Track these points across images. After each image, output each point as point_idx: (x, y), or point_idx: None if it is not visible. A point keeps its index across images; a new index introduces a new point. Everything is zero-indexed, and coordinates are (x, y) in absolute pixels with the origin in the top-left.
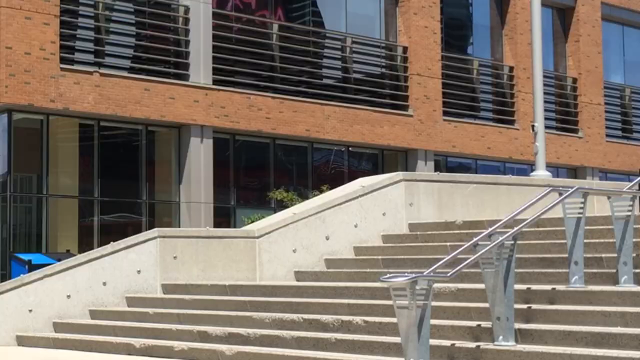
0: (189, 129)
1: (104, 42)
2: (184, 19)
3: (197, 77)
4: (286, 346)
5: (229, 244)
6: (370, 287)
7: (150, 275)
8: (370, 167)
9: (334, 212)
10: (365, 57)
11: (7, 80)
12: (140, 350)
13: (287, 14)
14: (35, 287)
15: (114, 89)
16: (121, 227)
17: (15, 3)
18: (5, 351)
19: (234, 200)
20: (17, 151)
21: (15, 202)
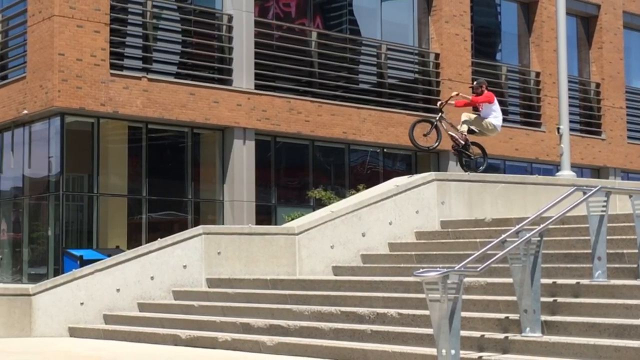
0: (232, 132)
1: (152, 49)
2: (227, 27)
3: (240, 82)
4: (324, 337)
5: (270, 240)
6: (404, 282)
7: (196, 270)
8: (404, 167)
9: (369, 210)
10: (399, 63)
11: (60, 85)
12: (186, 341)
13: (325, 22)
14: (86, 281)
15: (161, 94)
16: (168, 225)
17: (67, 12)
18: (58, 342)
19: (274, 199)
20: (69, 152)
21: (68, 200)
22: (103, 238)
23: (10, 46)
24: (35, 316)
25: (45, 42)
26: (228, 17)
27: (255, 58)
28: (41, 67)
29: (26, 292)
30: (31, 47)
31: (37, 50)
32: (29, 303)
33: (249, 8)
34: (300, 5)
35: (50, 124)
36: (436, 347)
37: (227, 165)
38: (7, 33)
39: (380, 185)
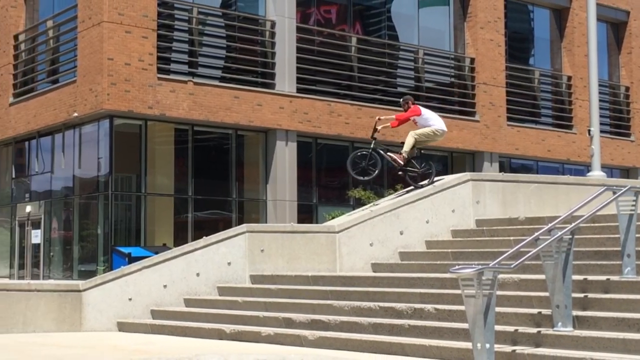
0: (275, 133)
1: (198, 54)
2: (270, 33)
3: (282, 86)
4: (364, 332)
5: (312, 238)
6: (440, 278)
7: (240, 267)
8: (440, 168)
9: (407, 209)
10: (435, 67)
11: (109, 88)
12: (230, 336)
13: (364, 28)
14: (134, 277)
15: (206, 97)
16: (213, 223)
17: (116, 18)
18: (107, 336)
19: (315, 198)
20: (117, 153)
21: (117, 200)
22: (150, 236)
23: (62, 51)
24: (85, 311)
25: (95, 47)
26: (271, 23)
27: (297, 62)
28: (91, 71)
29: (76, 288)
30: (81, 52)
31: (87, 55)
32: (79, 299)
33: (291, 14)
34: (340, 12)
35: (100, 126)
36: (471, 341)
37: (269, 165)
38: (59, 38)
39: None
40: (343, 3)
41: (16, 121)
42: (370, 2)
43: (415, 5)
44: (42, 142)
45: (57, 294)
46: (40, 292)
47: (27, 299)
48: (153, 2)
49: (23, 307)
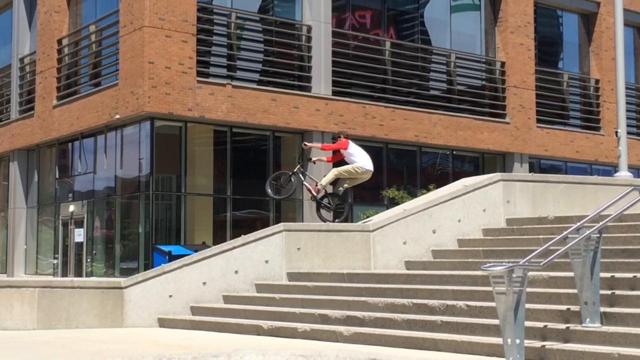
0: (311, 135)
1: (236, 58)
2: (306, 37)
3: (318, 89)
4: (397, 327)
5: (347, 236)
6: (472, 275)
7: (277, 265)
8: (472, 168)
9: (440, 208)
10: (467, 71)
11: (150, 91)
12: (267, 331)
13: (398, 32)
14: (174, 275)
15: (244, 99)
16: (251, 222)
17: (157, 23)
18: (148, 332)
19: (351, 198)
20: (158, 154)
21: (157, 199)
22: (190, 234)
23: (104, 55)
24: (126, 308)
25: (136, 51)
26: (307, 27)
27: (333, 66)
28: (132, 74)
29: (118, 285)
30: (123, 56)
31: (128, 58)
32: (121, 295)
33: (326, 19)
34: (375, 17)
35: (141, 128)
36: (502, 336)
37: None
38: (101, 43)
39: (449, 185)
40: (377, 8)
41: (60, 123)
42: (403, 8)
43: (447, 11)
44: (85, 144)
45: (99, 291)
46: (83, 289)
47: (70, 295)
48: (193, 7)
49: (66, 304)
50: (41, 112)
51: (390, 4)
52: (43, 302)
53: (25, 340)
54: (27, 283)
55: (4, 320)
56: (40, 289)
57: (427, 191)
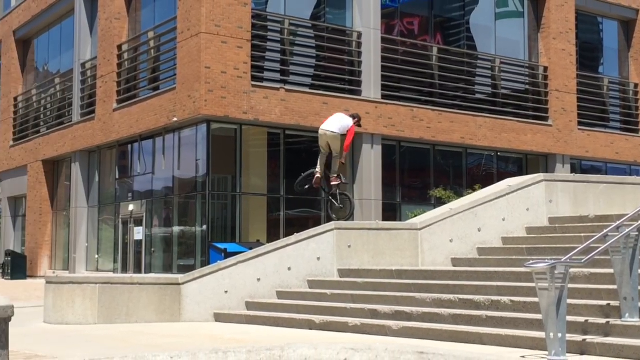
0: (361, 137)
1: (289, 63)
2: (357, 43)
3: (368, 93)
4: (444, 322)
5: (395, 235)
6: (516, 272)
7: (328, 262)
8: (515, 169)
9: (485, 207)
10: (511, 75)
11: (206, 95)
12: (319, 326)
13: (445, 38)
14: (230, 271)
15: (297, 103)
16: (303, 221)
17: (213, 29)
18: (205, 326)
19: (399, 198)
20: (214, 156)
21: (214, 199)
22: (245, 233)
23: (162, 60)
24: (184, 303)
25: (193, 57)
26: (357, 34)
27: (382, 71)
28: (189, 79)
29: (176, 281)
30: (180, 61)
31: (185, 63)
32: (179, 291)
33: (376, 26)
34: (422, 24)
35: (198, 130)
36: (545, 331)
37: (356, 167)
38: (159, 48)
39: (494, 185)
40: (425, 15)
41: (120, 125)
42: (450, 15)
43: (492, 17)
44: (143, 145)
45: (157, 287)
46: (142, 285)
47: (129, 291)
48: (248, 14)
49: (126, 299)
50: (102, 115)
51: (437, 11)
52: (104, 298)
53: (87, 334)
54: (89, 279)
55: (66, 315)
56: (101, 285)
57: (472, 191)
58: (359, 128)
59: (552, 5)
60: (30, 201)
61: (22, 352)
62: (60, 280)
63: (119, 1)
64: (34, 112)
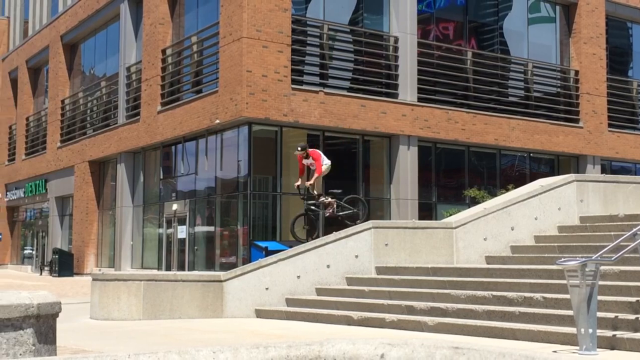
0: (398, 139)
1: (328, 67)
2: (394, 47)
3: (404, 95)
4: (478, 318)
5: (431, 233)
6: (548, 269)
7: (366, 259)
8: (547, 170)
9: (518, 207)
10: (543, 79)
11: (247, 98)
12: (357, 322)
13: (479, 43)
14: (270, 269)
15: (335, 105)
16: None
17: (254, 34)
18: (246, 322)
19: (434, 197)
20: (255, 157)
21: (255, 199)
22: (285, 231)
23: (205, 64)
24: (226, 299)
25: (234, 61)
26: (394, 38)
27: (418, 74)
28: (231, 82)
29: (218, 278)
30: (222, 65)
31: (227, 67)
32: (221, 288)
33: (412, 31)
34: (457, 29)
35: (239, 132)
36: (576, 326)
37: (393, 168)
38: (202, 53)
39: (527, 185)
40: (459, 20)
41: (164, 127)
42: (484, 20)
43: (524, 23)
44: (187, 147)
45: (200, 284)
46: (185, 282)
47: (173, 288)
48: (288, 19)
49: (170, 296)
50: (146, 117)
51: (471, 17)
52: (148, 294)
53: (132, 329)
54: (133, 277)
55: (111, 311)
56: (145, 282)
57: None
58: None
59: (583, 11)
60: (77, 200)
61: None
62: (106, 277)
63: (163, 7)
64: (80, 114)
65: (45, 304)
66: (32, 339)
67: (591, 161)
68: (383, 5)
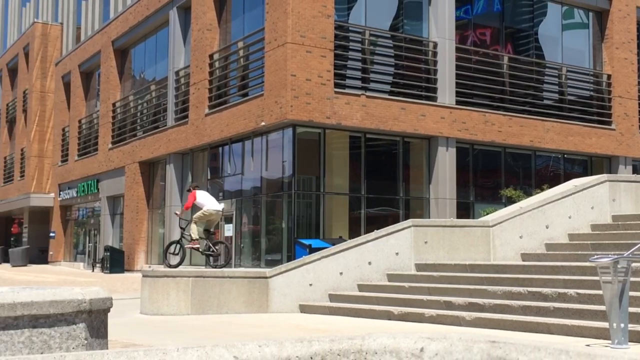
0: (437, 140)
1: (369, 71)
2: (433, 52)
3: (443, 99)
4: (514, 313)
5: (469, 231)
6: (581, 266)
7: (406, 256)
8: (580, 170)
9: (552, 206)
10: (577, 82)
11: (292, 101)
12: (397, 316)
13: (515, 48)
14: (314, 266)
15: (377, 108)
16: (382, 218)
17: (298, 40)
18: (290, 317)
19: (472, 197)
20: (300, 158)
21: (299, 198)
22: (328, 229)
23: (251, 68)
24: (271, 295)
25: (279, 65)
26: (433, 44)
27: (456, 78)
28: (276, 86)
29: (263, 275)
30: (268, 70)
31: (273, 72)
32: (266, 284)
33: (451, 37)
34: (494, 34)
35: (284, 134)
36: (608, 321)
37: (432, 168)
38: (248, 57)
39: (561, 185)
40: (496, 26)
41: (211, 129)
42: (520, 26)
43: (559, 28)
44: (233, 148)
45: (246, 280)
46: (232, 279)
47: (220, 284)
48: (330, 25)
49: (217, 292)
50: (194, 120)
51: (508, 23)
52: (196, 290)
53: (180, 324)
54: (182, 273)
55: (161, 307)
56: (193, 278)
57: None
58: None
59: (615, 17)
60: (128, 200)
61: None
62: (156, 274)
63: (211, 13)
64: (131, 117)
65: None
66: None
67: (623, 162)
68: (423, 12)
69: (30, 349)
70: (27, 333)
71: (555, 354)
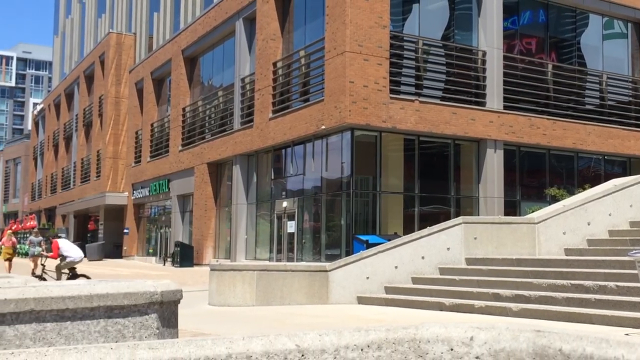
0: (486, 143)
1: (422, 78)
2: (482, 60)
3: (491, 104)
4: (557, 304)
5: (515, 228)
6: (620, 260)
7: (457, 251)
8: (620, 171)
9: (593, 204)
10: (616, 88)
11: (350, 106)
12: (449, 308)
13: (558, 56)
14: (371, 260)
15: (429, 113)
16: (435, 216)
17: (356, 49)
18: (349, 308)
19: (519, 195)
20: (357, 159)
21: (356, 197)
22: (384, 226)
23: (311, 75)
24: (330, 287)
25: (338, 72)
26: (482, 52)
27: (504, 84)
28: (335, 92)
29: (324, 268)
30: (327, 76)
31: (332, 78)
32: (326, 277)
33: (499, 46)
34: (539, 44)
35: (343, 137)
36: None
37: (481, 169)
38: (309, 65)
39: (602, 185)
40: (541, 36)
41: (275, 133)
42: (563, 36)
43: (600, 38)
44: (295, 150)
45: (307, 274)
46: (294, 272)
47: (283, 277)
48: (386, 35)
49: (280, 284)
50: (259, 124)
51: (552, 33)
52: (261, 283)
53: (246, 314)
54: (248, 267)
55: (227, 298)
56: (258, 272)
57: (583, 190)
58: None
59: None
60: (197, 198)
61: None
62: (223, 267)
63: (274, 24)
64: (199, 120)
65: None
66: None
67: None
68: (472, 23)
69: (105, 338)
70: (103, 323)
71: (597, 343)
